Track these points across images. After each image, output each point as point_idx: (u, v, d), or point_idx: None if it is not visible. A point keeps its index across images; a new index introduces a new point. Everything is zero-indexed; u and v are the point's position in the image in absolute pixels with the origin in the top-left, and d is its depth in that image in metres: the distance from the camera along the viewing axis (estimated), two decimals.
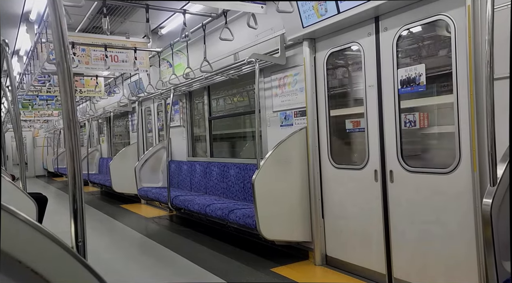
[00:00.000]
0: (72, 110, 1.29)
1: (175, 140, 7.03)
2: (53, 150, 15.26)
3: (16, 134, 3.23)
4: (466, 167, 2.70)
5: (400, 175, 3.16)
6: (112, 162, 8.03)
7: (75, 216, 1.27)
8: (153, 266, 4.18)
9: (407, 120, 3.13)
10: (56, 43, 1.29)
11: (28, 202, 2.78)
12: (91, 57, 5.71)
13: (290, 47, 4.19)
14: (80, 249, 1.26)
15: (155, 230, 6.01)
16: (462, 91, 2.71)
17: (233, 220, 4.19)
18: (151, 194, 6.44)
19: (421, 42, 3.17)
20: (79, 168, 1.29)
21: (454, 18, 2.74)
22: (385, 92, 3.26)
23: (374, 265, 3.41)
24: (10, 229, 0.77)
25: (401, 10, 3.10)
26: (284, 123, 4.37)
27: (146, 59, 6.16)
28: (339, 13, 3.35)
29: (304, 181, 3.98)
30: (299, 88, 4.12)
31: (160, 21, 6.42)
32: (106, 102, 10.32)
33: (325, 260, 3.93)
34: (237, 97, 5.99)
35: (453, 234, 2.80)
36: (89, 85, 8.31)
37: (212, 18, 4.55)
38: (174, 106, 6.92)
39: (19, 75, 8.26)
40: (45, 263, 0.81)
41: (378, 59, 3.31)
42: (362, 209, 3.51)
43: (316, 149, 3.94)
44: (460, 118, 2.73)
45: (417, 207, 3.05)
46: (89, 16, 6.24)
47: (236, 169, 5.18)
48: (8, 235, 0.76)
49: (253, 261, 4.11)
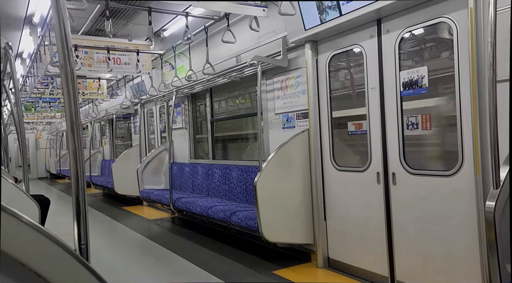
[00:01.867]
0: (75, 112, 1.29)
1: (177, 142, 7.03)
2: (56, 152, 15.30)
3: (19, 136, 3.24)
4: (469, 170, 2.69)
5: (403, 178, 3.16)
6: (114, 164, 8.05)
7: (78, 218, 1.27)
8: (155, 268, 4.17)
9: (409, 123, 3.12)
10: (59, 45, 1.30)
11: (31, 204, 2.79)
12: (94, 60, 5.73)
13: (292, 50, 4.20)
14: (83, 252, 1.26)
15: (157, 232, 6.01)
16: (465, 93, 2.70)
17: (235, 222, 4.19)
18: (153, 196, 6.44)
19: (423, 45, 3.17)
20: (82, 170, 1.29)
21: (457, 21, 2.73)
22: (387, 95, 3.25)
23: (377, 267, 3.40)
24: (13, 232, 0.77)
25: (403, 13, 3.10)
26: (286, 125, 4.37)
27: (149, 62, 6.17)
28: (341, 16, 3.35)
29: (306, 183, 3.97)
30: (301, 90, 4.12)
31: (162, 24, 6.44)
32: (108, 104, 10.34)
33: (327, 262, 3.92)
34: (239, 99, 6.00)
35: (456, 236, 2.79)
36: (92, 87, 8.33)
37: (214, 20, 4.56)
38: (176, 108, 6.93)
39: (22, 78, 8.29)
40: (48, 266, 0.81)
41: (380, 62, 3.31)
42: (364, 212, 3.50)
43: (318, 151, 3.94)
44: (462, 120, 2.73)
45: (420, 210, 3.04)
46: (92, 18, 6.26)
47: (238, 171, 5.18)
48: (11, 238, 0.76)
49: (255, 263, 4.10)
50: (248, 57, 4.44)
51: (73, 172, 1.28)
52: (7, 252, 0.76)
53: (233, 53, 4.98)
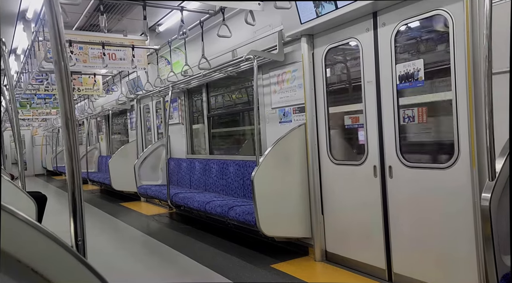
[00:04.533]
0: (70, 108, 1.29)
1: (174, 137, 7.02)
2: (52, 149, 15.24)
3: (14, 133, 3.23)
4: (465, 162, 2.70)
5: (399, 171, 3.17)
6: (111, 160, 8.03)
7: (74, 215, 1.27)
8: (153, 264, 4.18)
9: (405, 116, 3.13)
10: (52, 41, 1.29)
11: (28, 201, 2.78)
12: (89, 55, 5.69)
13: (288, 44, 4.18)
14: (80, 248, 1.26)
15: (155, 227, 6.02)
16: (460, 86, 2.70)
17: (233, 217, 4.20)
18: (150, 192, 6.44)
19: (419, 37, 3.16)
20: (78, 167, 1.29)
21: (452, 13, 2.73)
22: (384, 88, 3.26)
23: (374, 260, 3.42)
24: (10, 229, 0.77)
25: (399, 5, 3.09)
26: (283, 120, 4.37)
27: (144, 57, 6.14)
28: (337, 9, 3.33)
29: (303, 178, 3.98)
30: (298, 84, 4.11)
31: (157, 19, 6.40)
32: (104, 100, 10.30)
33: (325, 256, 3.94)
34: (235, 94, 5.98)
35: (453, 228, 2.81)
36: (87, 83, 8.29)
37: (209, 15, 4.54)
38: (173, 104, 6.91)
39: (17, 74, 8.23)
40: (45, 263, 0.81)
41: (377, 55, 3.30)
42: (361, 205, 3.51)
43: (315, 145, 3.94)
44: (458, 113, 2.74)
45: (417, 202, 3.05)
46: (86, 14, 6.22)
47: (235, 166, 5.18)
48: (7, 235, 0.76)
49: (253, 257, 4.12)
50: (244, 51, 4.43)
51: (68, 168, 1.28)
52: (3, 249, 0.76)
53: (229, 48, 4.96)
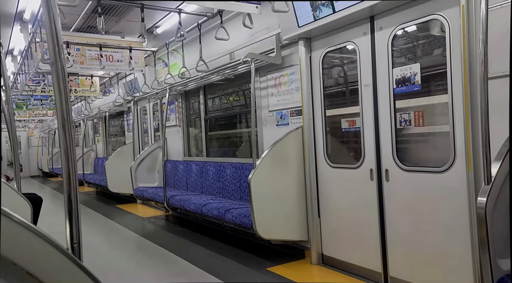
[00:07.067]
0: (67, 110, 1.28)
1: (171, 139, 7.01)
2: (48, 150, 15.18)
3: (10, 134, 3.21)
4: (461, 166, 2.71)
5: (396, 174, 3.18)
6: (107, 162, 8.00)
7: (70, 217, 1.26)
8: (149, 266, 4.16)
9: (402, 119, 3.14)
10: (50, 42, 1.29)
11: (23, 203, 2.77)
12: (86, 57, 5.69)
13: (286, 47, 4.19)
14: (76, 251, 1.25)
15: (151, 230, 6.00)
16: (456, 90, 2.72)
17: (229, 220, 4.19)
18: (147, 194, 6.42)
19: (416, 42, 3.18)
20: (74, 168, 1.28)
21: (449, 18, 2.75)
22: (381, 91, 3.27)
23: (370, 263, 3.43)
24: (5, 231, 0.76)
25: (396, 10, 3.11)
26: (280, 123, 4.37)
27: (142, 59, 6.14)
28: (334, 13, 3.35)
29: (300, 180, 3.98)
30: (295, 87, 4.12)
31: (155, 21, 6.40)
32: (101, 101, 10.26)
33: (321, 259, 3.94)
34: (233, 97, 5.98)
35: (448, 232, 2.82)
36: (84, 84, 8.27)
37: (207, 17, 4.54)
38: (170, 106, 6.90)
39: (13, 75, 8.20)
40: (40, 265, 0.80)
41: (374, 59, 3.32)
42: (358, 208, 3.52)
43: (312, 148, 3.94)
44: (454, 117, 2.75)
45: (413, 206, 3.06)
46: (84, 15, 6.21)
47: (232, 168, 5.18)
48: (2, 237, 0.76)
49: (250, 260, 4.11)
50: (242, 54, 4.43)
51: (64, 170, 1.27)
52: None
53: (227, 50, 4.96)
